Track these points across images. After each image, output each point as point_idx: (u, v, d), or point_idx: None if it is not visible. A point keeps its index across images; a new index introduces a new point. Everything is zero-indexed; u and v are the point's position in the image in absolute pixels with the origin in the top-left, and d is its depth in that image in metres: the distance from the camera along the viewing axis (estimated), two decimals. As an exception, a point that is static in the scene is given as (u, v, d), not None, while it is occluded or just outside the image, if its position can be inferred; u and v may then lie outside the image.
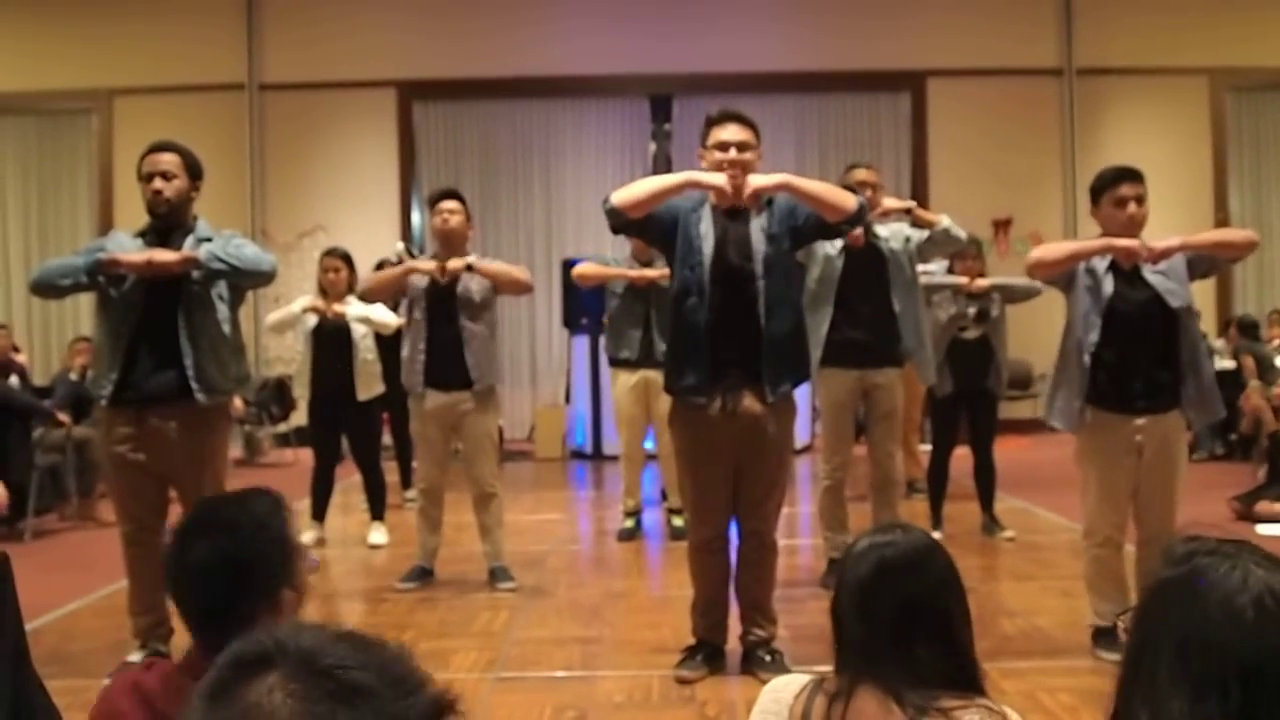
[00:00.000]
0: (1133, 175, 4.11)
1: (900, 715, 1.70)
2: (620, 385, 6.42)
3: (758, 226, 4.00)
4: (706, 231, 3.99)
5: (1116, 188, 4.10)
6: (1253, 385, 8.60)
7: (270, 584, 1.87)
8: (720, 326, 3.94)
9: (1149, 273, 4.06)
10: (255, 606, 1.83)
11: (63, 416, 7.45)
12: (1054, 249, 4.21)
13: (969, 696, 1.73)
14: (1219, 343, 10.42)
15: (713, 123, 4.09)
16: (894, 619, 1.77)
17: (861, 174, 5.30)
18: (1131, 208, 4.06)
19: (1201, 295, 4.33)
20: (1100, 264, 4.09)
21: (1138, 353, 4.04)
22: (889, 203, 5.31)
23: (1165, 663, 1.30)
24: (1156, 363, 4.05)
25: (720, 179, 3.91)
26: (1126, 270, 4.07)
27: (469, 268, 5.28)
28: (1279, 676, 1.24)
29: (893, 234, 5.33)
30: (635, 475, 6.60)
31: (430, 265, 5.31)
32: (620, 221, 3.96)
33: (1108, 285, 4.06)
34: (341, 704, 0.98)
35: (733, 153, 3.97)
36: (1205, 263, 4.15)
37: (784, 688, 1.87)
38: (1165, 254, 4.01)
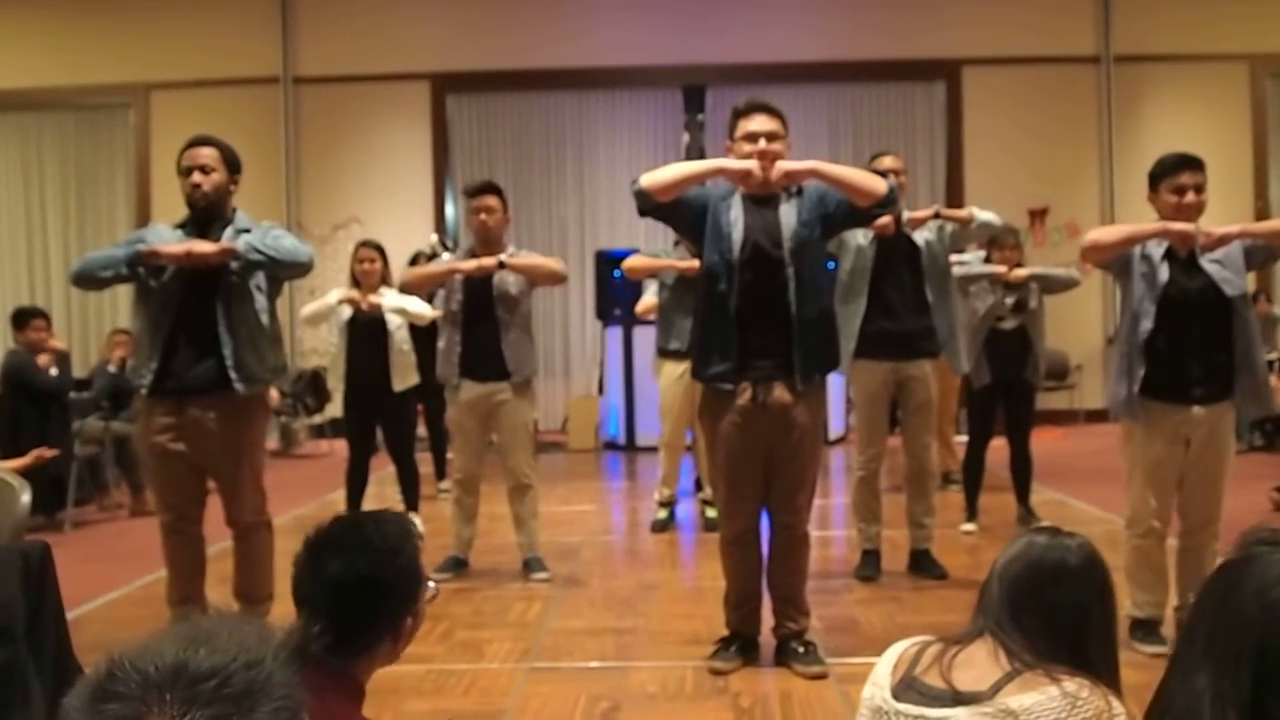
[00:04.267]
0: (1194, 164, 4.05)
1: (1006, 664, 1.80)
2: (667, 375, 6.41)
3: (788, 213, 3.97)
4: (736, 218, 3.97)
5: (1177, 175, 4.04)
6: None
7: (400, 609, 1.90)
8: (749, 313, 3.92)
9: (1205, 261, 4.00)
10: (383, 630, 1.88)
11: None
12: (1109, 231, 4.16)
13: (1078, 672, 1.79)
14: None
15: (739, 114, 4.06)
16: (1038, 618, 1.86)
17: (887, 161, 5.27)
18: (1190, 196, 4.00)
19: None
20: (1156, 250, 4.03)
21: (1192, 340, 3.99)
22: (914, 215, 5.28)
23: (1202, 638, 1.33)
24: (1210, 351, 4.00)
25: (750, 162, 3.90)
26: (1183, 258, 4.02)
27: (501, 265, 5.28)
28: None
29: (925, 225, 5.29)
30: (674, 465, 6.59)
31: (469, 266, 5.31)
32: (648, 204, 3.94)
33: (1163, 272, 4.00)
34: (240, 709, 0.95)
35: (761, 143, 3.94)
36: (1263, 252, 4.08)
37: (905, 641, 2.00)
38: (1222, 241, 3.96)
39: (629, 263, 6.35)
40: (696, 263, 6.03)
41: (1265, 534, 1.38)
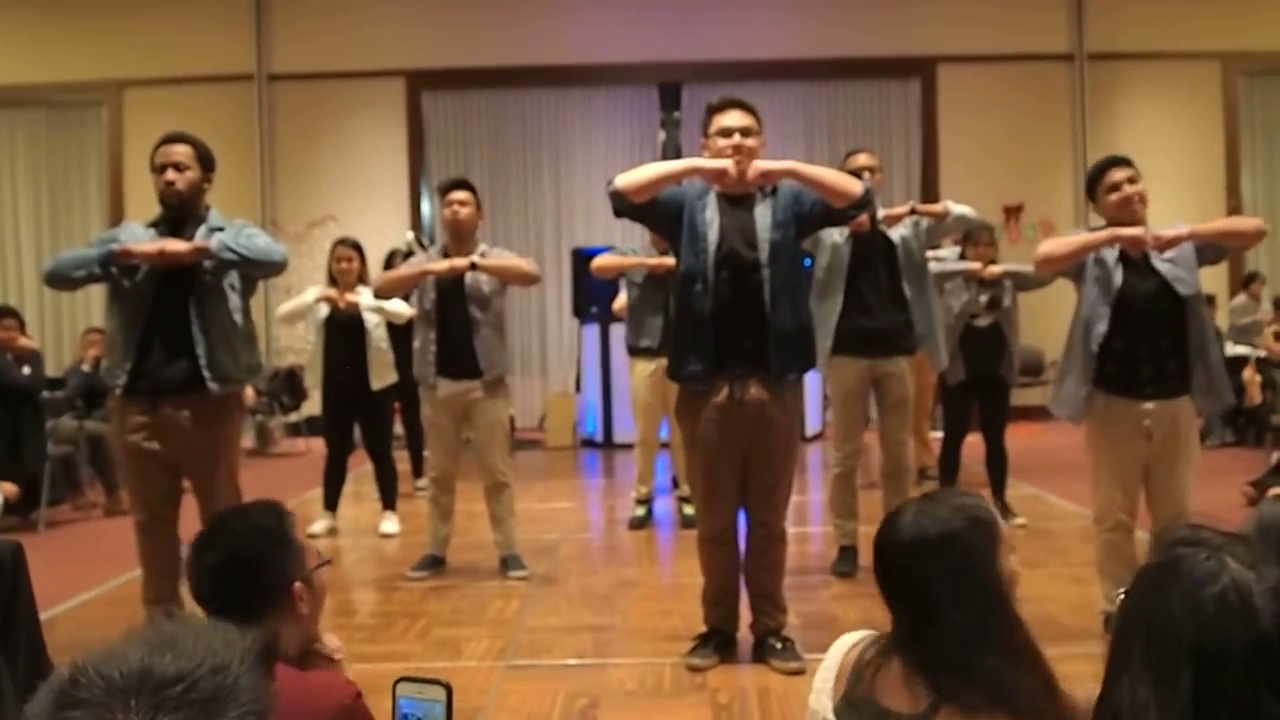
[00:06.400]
0: (1121, 161, 4.16)
1: (923, 697, 1.73)
2: (638, 374, 6.42)
3: (763, 213, 3.98)
4: (712, 219, 3.97)
5: (1107, 174, 4.13)
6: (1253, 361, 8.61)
7: (278, 579, 2.03)
8: (725, 314, 3.93)
9: (1158, 261, 4.06)
10: (269, 600, 2.00)
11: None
12: (1061, 244, 4.20)
13: (1001, 708, 1.70)
14: (1241, 298, 10.36)
15: (714, 110, 4.07)
16: (911, 589, 1.80)
17: (863, 158, 5.29)
18: (1126, 188, 4.08)
19: (1215, 273, 4.33)
20: (1110, 254, 4.09)
21: (1146, 341, 4.05)
22: (890, 212, 5.31)
23: (1138, 647, 1.32)
24: (1165, 350, 4.05)
25: (725, 162, 3.90)
26: (1136, 259, 4.07)
27: (473, 266, 5.27)
28: (1232, 670, 1.26)
29: (901, 222, 5.32)
30: (649, 463, 6.61)
31: (442, 267, 5.29)
32: (623, 205, 3.94)
33: (1117, 276, 4.05)
34: (207, 714, 0.94)
35: (736, 138, 3.95)
36: (1213, 250, 4.15)
37: (847, 640, 1.93)
38: (1172, 243, 4.01)
39: (598, 262, 6.36)
40: (667, 260, 6.07)
41: (1184, 534, 1.38)
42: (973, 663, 1.72)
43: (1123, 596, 1.42)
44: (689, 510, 6.22)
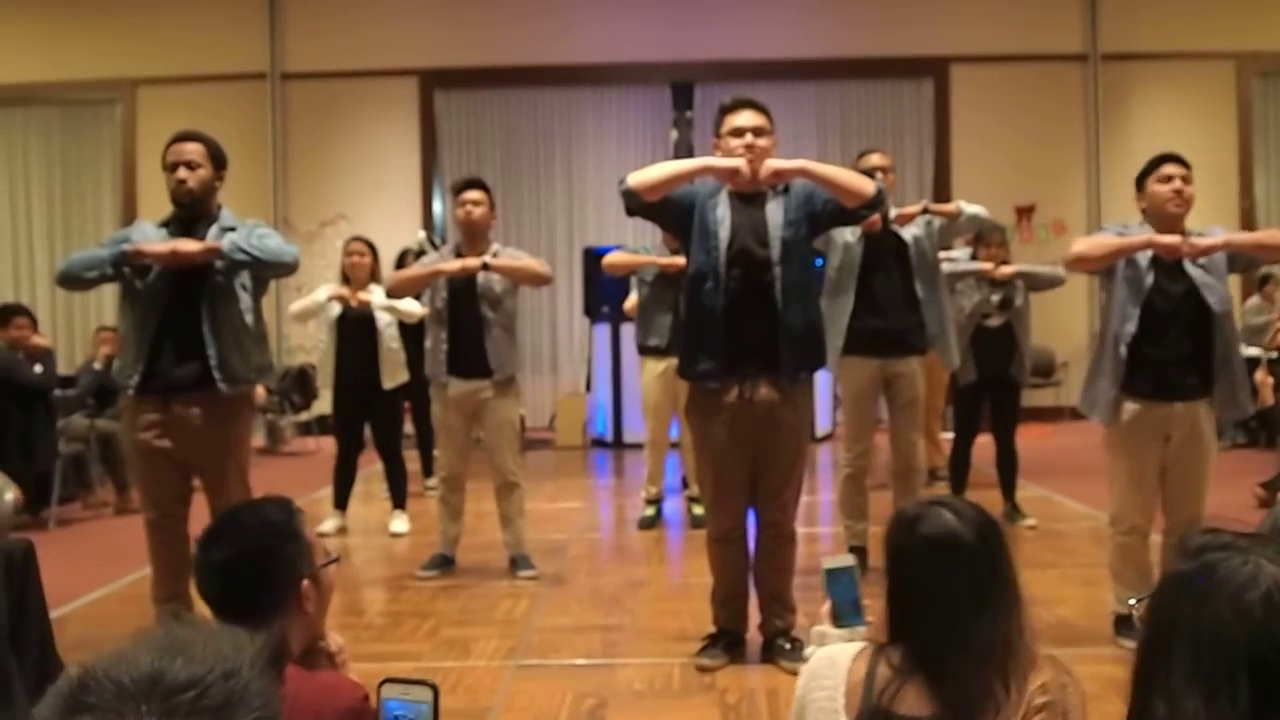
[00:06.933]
0: (1177, 158, 4.15)
1: (939, 702, 1.74)
2: (648, 373, 6.42)
3: (774, 211, 3.98)
4: (723, 216, 3.97)
5: (1164, 165, 4.12)
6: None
7: (288, 574, 2.00)
8: (736, 312, 3.92)
9: (1190, 265, 4.04)
10: (278, 596, 1.97)
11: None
12: (1096, 245, 4.17)
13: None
14: (1255, 299, 10.29)
15: (726, 110, 4.07)
16: (916, 596, 1.80)
17: (875, 159, 5.28)
18: (1177, 183, 4.07)
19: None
20: (1142, 255, 4.06)
21: (1172, 344, 4.02)
22: (903, 211, 5.29)
23: (1179, 659, 1.29)
24: (1190, 355, 4.03)
25: (737, 161, 3.90)
26: (1168, 262, 4.05)
27: (485, 266, 5.27)
28: None
29: (914, 221, 5.30)
30: (659, 463, 6.60)
31: (454, 267, 5.29)
32: (636, 203, 3.94)
33: (1149, 278, 4.03)
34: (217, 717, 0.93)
35: (748, 138, 3.95)
36: (1243, 259, 4.14)
37: (843, 652, 1.89)
38: (1207, 252, 3.99)
39: (609, 260, 6.35)
40: (677, 260, 6.06)
41: (1209, 539, 1.35)
42: (982, 667, 1.73)
43: (1146, 606, 1.39)
44: (698, 510, 6.22)
